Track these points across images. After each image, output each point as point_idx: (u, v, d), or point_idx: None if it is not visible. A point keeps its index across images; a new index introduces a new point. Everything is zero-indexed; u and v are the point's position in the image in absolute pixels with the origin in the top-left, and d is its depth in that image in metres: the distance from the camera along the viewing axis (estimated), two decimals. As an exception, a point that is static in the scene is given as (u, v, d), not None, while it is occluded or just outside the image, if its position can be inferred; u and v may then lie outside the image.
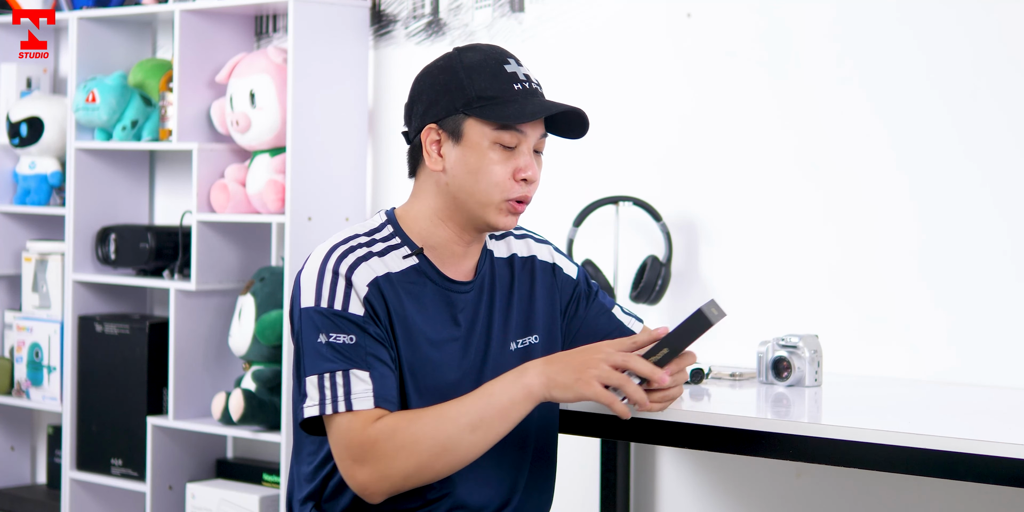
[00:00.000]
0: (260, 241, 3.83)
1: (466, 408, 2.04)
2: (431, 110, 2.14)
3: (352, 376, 2.05)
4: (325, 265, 2.10)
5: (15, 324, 4.15)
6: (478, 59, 2.13)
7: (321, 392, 2.05)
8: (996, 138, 2.85)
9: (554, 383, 2.04)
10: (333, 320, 2.07)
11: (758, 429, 2.28)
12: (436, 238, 2.17)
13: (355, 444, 2.04)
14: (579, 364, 2.04)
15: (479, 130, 2.12)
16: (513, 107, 2.11)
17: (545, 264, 2.30)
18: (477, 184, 2.12)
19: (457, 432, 2.03)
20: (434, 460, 2.03)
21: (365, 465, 2.04)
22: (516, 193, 2.14)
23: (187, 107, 3.73)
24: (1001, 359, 2.83)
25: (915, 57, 2.93)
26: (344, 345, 2.06)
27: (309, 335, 2.08)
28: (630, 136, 3.30)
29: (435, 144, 2.15)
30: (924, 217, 2.93)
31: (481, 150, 2.12)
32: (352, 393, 2.05)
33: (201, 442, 3.86)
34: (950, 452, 2.11)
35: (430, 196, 2.18)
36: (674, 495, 3.22)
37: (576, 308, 2.32)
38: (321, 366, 2.06)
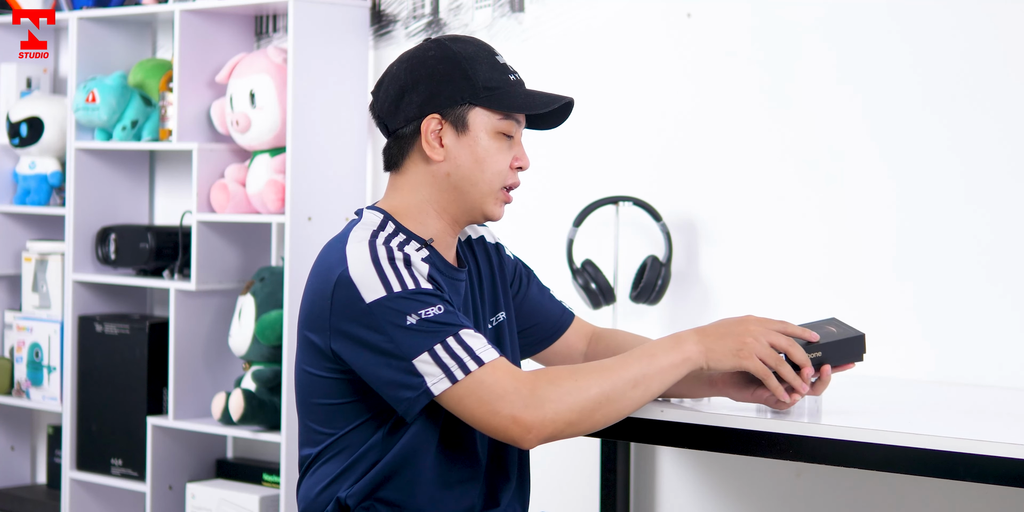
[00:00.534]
0: (260, 241, 3.83)
1: (628, 365, 2.07)
2: (434, 100, 2.14)
3: (464, 336, 2.04)
4: (377, 256, 2.07)
5: (15, 324, 4.15)
6: (472, 50, 2.16)
7: (441, 364, 2.03)
8: (997, 141, 2.85)
9: (712, 352, 2.09)
10: (414, 298, 2.04)
11: (758, 429, 2.28)
12: (431, 230, 2.18)
13: (511, 391, 2.02)
14: (739, 334, 2.09)
15: (484, 120, 2.15)
16: (520, 97, 2.15)
17: (491, 244, 2.36)
18: (483, 173, 2.15)
19: (622, 384, 2.05)
20: (596, 409, 2.04)
21: (530, 409, 2.01)
22: (511, 180, 2.19)
23: (187, 107, 3.73)
24: (1001, 359, 2.83)
25: (914, 58, 2.93)
26: (437, 315, 2.04)
27: (395, 322, 2.03)
28: (630, 136, 3.30)
29: (436, 134, 2.15)
30: (925, 217, 2.93)
31: (485, 140, 2.15)
32: (475, 349, 2.03)
33: (201, 442, 3.86)
34: (949, 452, 2.11)
35: (423, 188, 2.18)
36: (674, 495, 3.22)
37: (519, 286, 2.38)
38: (426, 342, 2.03)
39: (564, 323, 2.44)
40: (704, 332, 2.11)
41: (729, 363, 2.09)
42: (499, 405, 2.02)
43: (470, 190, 2.16)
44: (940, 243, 2.91)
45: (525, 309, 2.39)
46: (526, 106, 2.15)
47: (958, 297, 2.89)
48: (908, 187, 2.95)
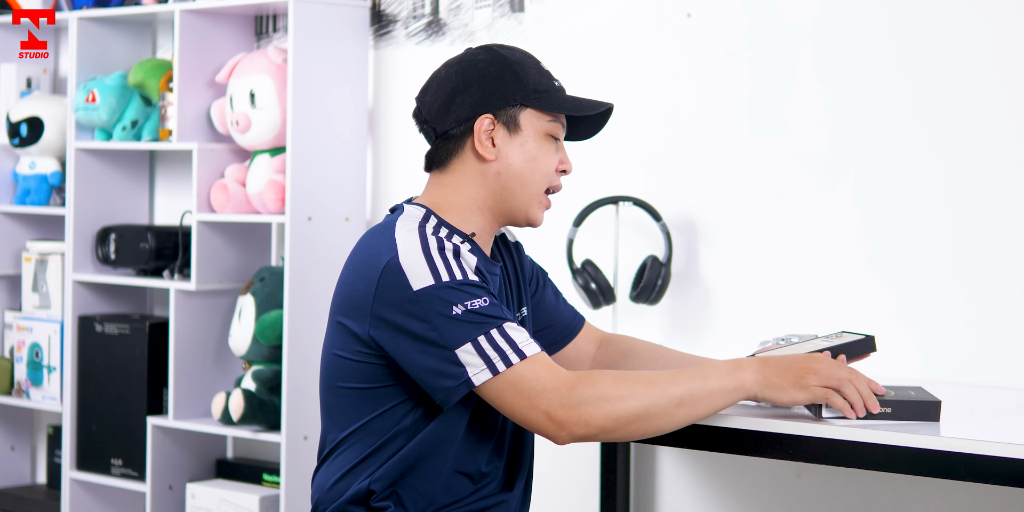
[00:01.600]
0: (260, 241, 3.83)
1: (677, 382, 2.08)
2: (487, 100, 2.19)
3: (507, 329, 2.06)
4: (427, 244, 2.09)
5: (15, 324, 4.15)
6: (520, 56, 2.24)
7: (483, 355, 2.05)
8: (992, 141, 2.85)
9: (770, 382, 2.10)
10: (462, 289, 2.07)
11: (758, 429, 2.28)
12: (472, 227, 2.22)
13: (550, 388, 2.04)
14: (802, 369, 2.10)
15: (535, 122, 2.21)
16: (569, 101, 2.22)
17: (511, 243, 2.40)
18: (533, 173, 2.21)
19: (665, 401, 2.06)
20: (634, 420, 2.06)
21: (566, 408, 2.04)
22: (556, 182, 2.26)
23: (187, 107, 3.73)
24: (1001, 359, 2.83)
25: (913, 58, 2.93)
26: (483, 307, 2.07)
27: (441, 310, 2.06)
28: (630, 136, 3.30)
29: (488, 134, 2.20)
30: (926, 218, 2.93)
31: (535, 140, 2.21)
32: (518, 342, 2.06)
33: (201, 442, 3.86)
34: (950, 452, 2.11)
35: (470, 186, 2.22)
36: (674, 495, 3.22)
37: (536, 288, 2.42)
38: (471, 333, 2.05)
39: (575, 327, 2.47)
40: (766, 362, 2.12)
41: (787, 397, 2.10)
42: (537, 400, 2.05)
43: (519, 190, 2.21)
44: (941, 242, 2.90)
45: (540, 311, 2.43)
46: (575, 107, 2.21)
47: (957, 297, 2.89)
48: (909, 186, 2.95)
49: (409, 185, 3.62)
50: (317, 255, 3.53)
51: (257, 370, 3.60)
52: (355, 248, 2.19)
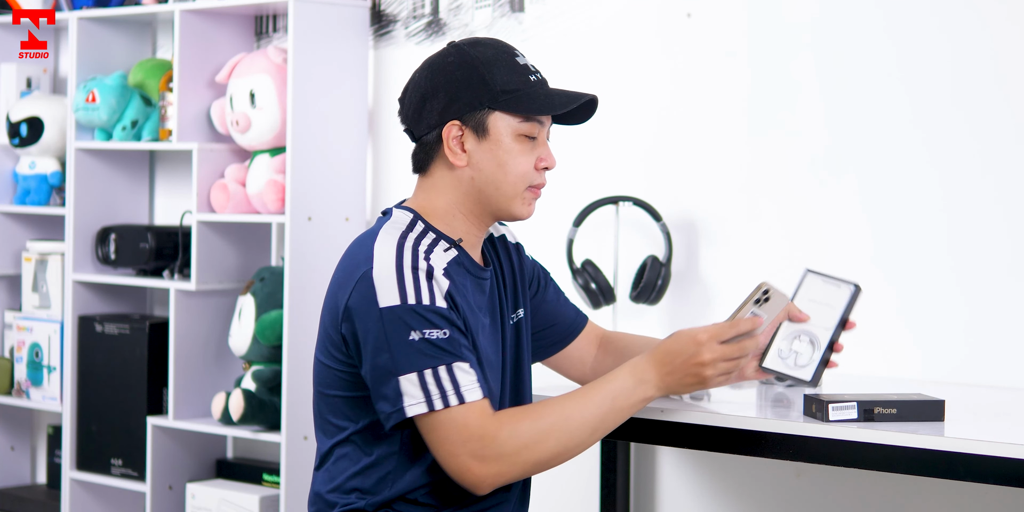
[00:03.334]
0: (260, 241, 3.83)
1: (590, 411, 2.09)
2: (453, 106, 2.16)
3: (456, 369, 2.06)
4: (402, 261, 2.09)
5: (15, 324, 4.15)
6: (491, 54, 2.17)
7: (425, 389, 2.05)
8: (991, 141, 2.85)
9: (670, 389, 2.14)
10: (424, 315, 2.06)
11: (758, 429, 2.28)
12: (459, 231, 2.21)
13: (475, 438, 2.05)
14: (694, 368, 2.12)
15: (504, 123, 2.16)
16: (539, 99, 2.16)
17: (511, 244, 2.37)
18: (506, 176, 2.17)
19: (580, 434, 2.09)
20: (553, 458, 2.09)
21: (486, 461, 2.05)
22: (537, 180, 2.21)
23: (187, 107, 3.73)
24: (1001, 359, 2.83)
25: (913, 59, 2.93)
26: (440, 340, 2.06)
27: (399, 333, 2.05)
28: (630, 136, 3.30)
29: (457, 140, 2.17)
30: (925, 218, 2.93)
31: (507, 143, 2.16)
32: (461, 385, 2.05)
33: (201, 442, 3.86)
34: (950, 452, 2.11)
35: (449, 191, 2.20)
36: (674, 495, 3.22)
37: (537, 288, 2.40)
38: (420, 363, 2.05)
39: (578, 326, 2.46)
40: (662, 368, 2.12)
41: (689, 392, 2.18)
42: (460, 449, 2.06)
43: (494, 193, 2.18)
44: (941, 242, 2.90)
45: (542, 311, 2.41)
46: (545, 107, 2.16)
47: (957, 297, 2.89)
48: (908, 186, 2.95)
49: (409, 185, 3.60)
50: (317, 255, 3.53)
51: (257, 370, 3.60)
52: (341, 256, 2.19)
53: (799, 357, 2.25)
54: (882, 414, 2.21)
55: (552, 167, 2.22)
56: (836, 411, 2.21)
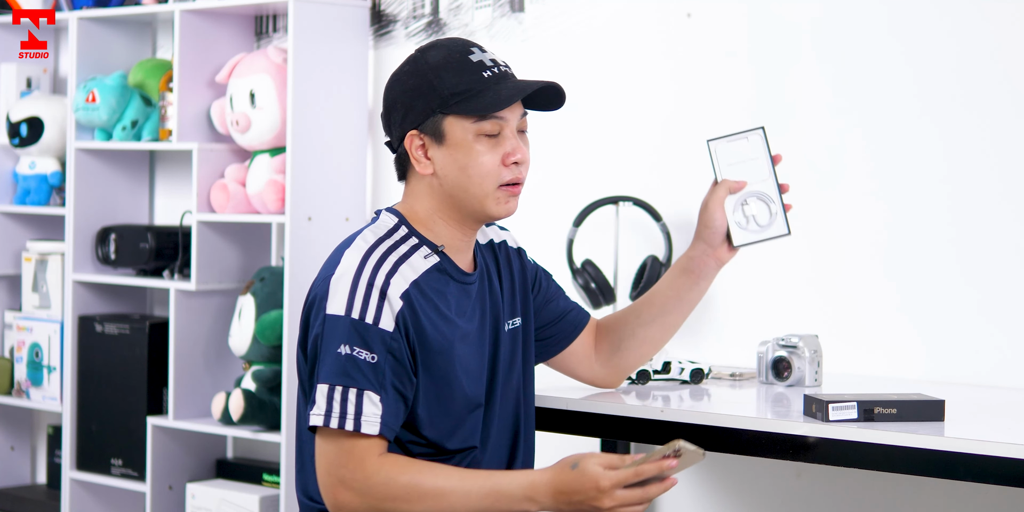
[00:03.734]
0: (260, 241, 3.83)
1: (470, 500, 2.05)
2: (409, 116, 2.15)
3: (365, 397, 2.05)
4: (360, 273, 2.09)
5: (15, 324, 4.15)
6: (442, 56, 2.14)
7: (329, 403, 2.05)
8: (990, 142, 2.85)
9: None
10: (361, 333, 2.06)
11: (758, 429, 2.28)
12: (443, 237, 2.19)
13: (350, 468, 2.05)
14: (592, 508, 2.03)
15: (460, 126, 2.13)
16: (488, 96, 2.12)
17: (512, 249, 2.35)
18: (471, 179, 2.14)
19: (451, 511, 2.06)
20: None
21: (351, 491, 2.05)
22: (508, 177, 2.15)
23: (187, 107, 3.73)
24: (1001, 359, 2.83)
25: (912, 59, 2.93)
26: (365, 362, 2.06)
27: (331, 342, 2.07)
28: (630, 136, 3.30)
29: (420, 149, 2.16)
30: (925, 219, 2.93)
31: (467, 145, 2.13)
32: (362, 414, 2.05)
33: (201, 442, 3.86)
34: (950, 452, 2.11)
35: (425, 198, 2.19)
36: (674, 495, 3.22)
37: (538, 288, 2.38)
38: (336, 378, 2.06)
39: (581, 322, 2.44)
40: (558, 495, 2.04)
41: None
42: (335, 470, 2.06)
43: (464, 196, 2.15)
44: (941, 242, 2.90)
45: (547, 311, 2.40)
46: (492, 105, 2.11)
47: (956, 297, 2.89)
48: (907, 187, 2.95)
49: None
50: (317, 255, 3.52)
51: (257, 370, 3.60)
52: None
53: (759, 218, 2.29)
54: (882, 414, 2.21)
55: (522, 162, 2.15)
56: (836, 411, 2.21)
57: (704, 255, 2.36)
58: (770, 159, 2.32)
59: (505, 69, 2.16)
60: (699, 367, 2.71)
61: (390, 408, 2.06)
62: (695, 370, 2.70)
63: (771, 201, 2.30)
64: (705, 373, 2.72)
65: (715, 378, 2.79)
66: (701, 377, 2.71)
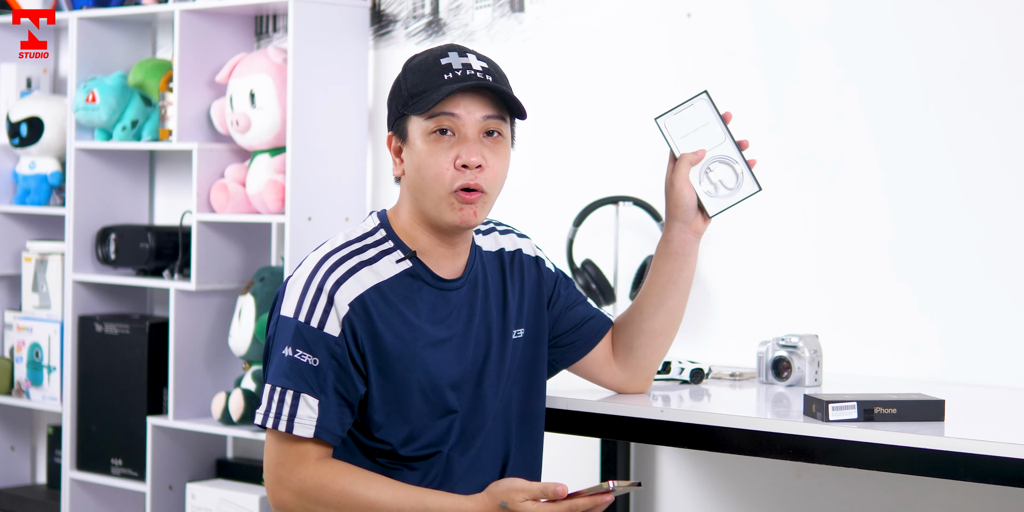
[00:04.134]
0: (260, 241, 3.83)
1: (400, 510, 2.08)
2: (389, 118, 2.19)
3: (301, 399, 2.08)
4: (312, 277, 2.10)
5: (15, 324, 4.15)
6: (420, 59, 2.16)
7: (269, 404, 2.09)
8: (997, 140, 2.85)
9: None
10: (304, 336, 2.08)
11: (758, 429, 2.28)
12: (421, 242, 2.18)
13: (286, 467, 2.09)
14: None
15: (416, 125, 2.12)
16: (432, 93, 2.10)
17: (529, 258, 2.32)
18: (424, 180, 2.12)
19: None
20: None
21: (287, 491, 2.09)
22: (459, 182, 2.10)
23: (187, 107, 3.73)
24: (1001, 359, 2.83)
25: (914, 59, 2.93)
26: (306, 366, 2.08)
27: (278, 343, 2.10)
28: (630, 136, 3.30)
29: (396, 151, 2.18)
30: (925, 216, 2.93)
31: (421, 145, 2.12)
32: (296, 416, 2.08)
33: (201, 442, 3.86)
34: (950, 452, 2.11)
35: (405, 202, 2.19)
36: (674, 495, 3.22)
37: (557, 297, 2.35)
38: (278, 379, 2.09)
39: (603, 328, 2.40)
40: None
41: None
42: (272, 469, 2.11)
43: (422, 198, 2.14)
44: (940, 243, 2.90)
45: (566, 318, 2.36)
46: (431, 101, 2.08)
47: (956, 297, 2.89)
48: (908, 186, 2.95)
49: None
50: (317, 255, 3.52)
51: (257, 370, 3.60)
52: None
53: (727, 181, 2.30)
54: (882, 414, 2.21)
55: (470, 165, 2.08)
56: (836, 411, 2.21)
57: (682, 233, 2.35)
58: (721, 120, 2.31)
59: (474, 73, 2.11)
60: (699, 367, 2.71)
61: (329, 412, 2.08)
62: (695, 370, 2.70)
63: (734, 162, 2.29)
64: (705, 373, 2.72)
65: (715, 378, 2.79)
66: (701, 377, 2.71)
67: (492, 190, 2.13)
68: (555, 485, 2.04)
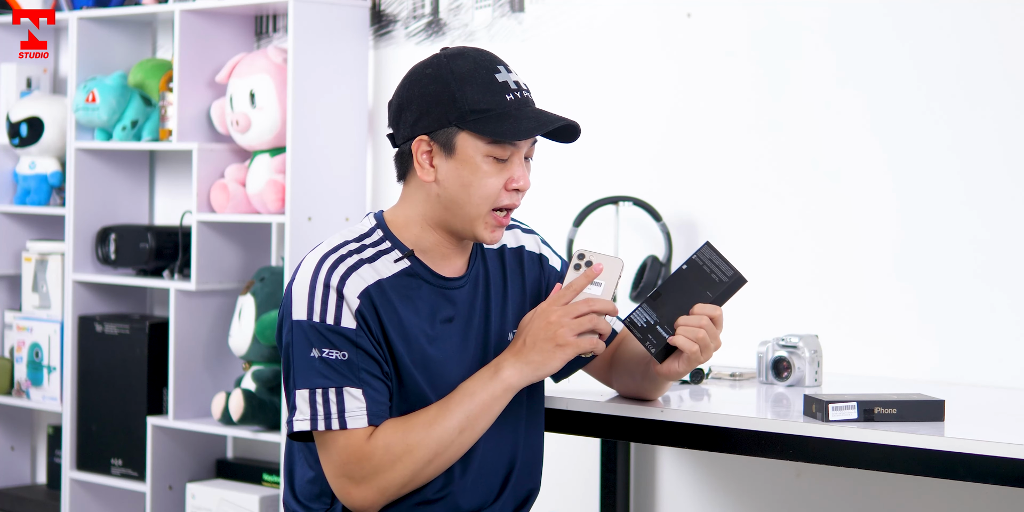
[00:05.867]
0: (260, 241, 3.83)
1: (452, 411, 2.09)
2: (422, 121, 2.11)
3: (345, 393, 2.07)
4: (316, 277, 2.09)
5: (15, 324, 4.15)
6: (469, 68, 2.10)
7: (312, 408, 2.07)
8: (996, 141, 2.85)
9: (533, 365, 2.10)
10: (325, 335, 2.08)
11: (758, 429, 2.28)
12: (426, 242, 2.17)
13: (352, 462, 2.07)
14: (543, 332, 2.09)
15: (472, 144, 2.10)
16: (509, 121, 2.09)
17: (533, 255, 2.31)
18: (470, 197, 2.11)
19: (447, 435, 2.08)
20: (427, 466, 2.09)
21: (362, 483, 2.08)
22: (505, 201, 2.13)
23: (187, 107, 3.73)
24: (1001, 359, 2.83)
25: (913, 59, 2.93)
26: (337, 361, 2.07)
27: (301, 348, 2.09)
28: (630, 136, 3.30)
29: (426, 155, 2.13)
30: (925, 216, 2.93)
31: (475, 164, 2.10)
32: (346, 411, 2.07)
33: (201, 442, 3.86)
34: (950, 452, 2.11)
35: (420, 203, 2.17)
36: (674, 495, 3.22)
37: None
38: (313, 381, 2.07)
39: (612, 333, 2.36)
40: (518, 349, 2.11)
41: (557, 361, 2.10)
42: (340, 470, 2.09)
43: (458, 212, 2.13)
44: (940, 243, 2.91)
45: None
46: (511, 133, 2.08)
47: (956, 297, 2.89)
48: (907, 187, 2.95)
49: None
50: (317, 255, 3.52)
51: (257, 370, 3.60)
52: None
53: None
54: (882, 414, 2.21)
55: (524, 189, 2.13)
56: (836, 411, 2.21)
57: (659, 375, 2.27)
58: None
59: (527, 94, 2.14)
60: (699, 367, 2.71)
61: (372, 397, 2.08)
62: (695, 370, 2.70)
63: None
64: (705, 373, 2.72)
65: (715, 378, 2.79)
66: (701, 377, 2.71)
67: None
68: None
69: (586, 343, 2.09)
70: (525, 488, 2.26)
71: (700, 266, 2.17)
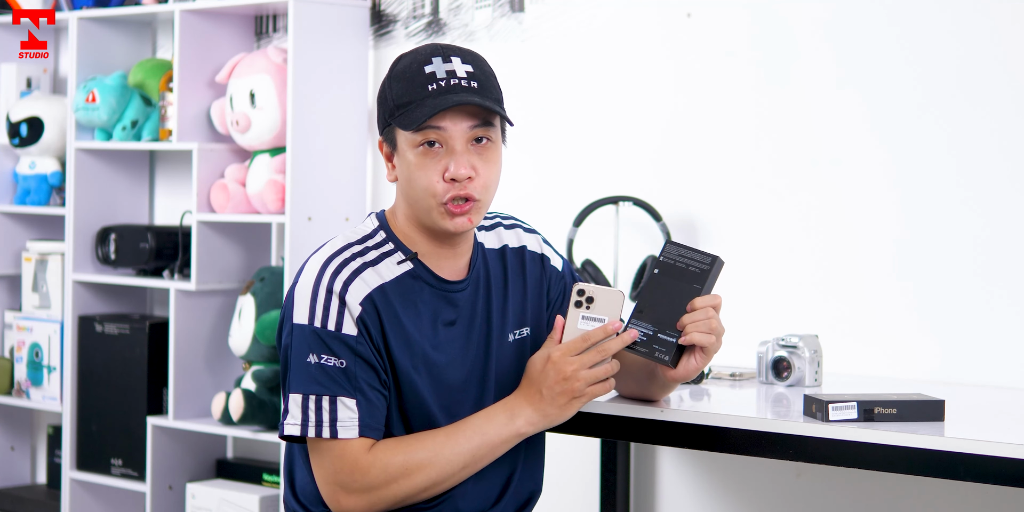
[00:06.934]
0: (260, 241, 3.83)
1: (459, 444, 2.10)
2: (378, 123, 2.17)
3: (339, 402, 2.07)
4: (320, 281, 2.09)
5: (15, 324, 4.15)
6: (404, 64, 2.12)
7: (304, 413, 2.07)
8: (996, 140, 2.85)
9: (550, 417, 2.11)
10: (325, 341, 2.07)
11: (758, 429, 2.28)
12: (421, 244, 2.17)
13: (345, 472, 2.07)
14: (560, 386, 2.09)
15: (404, 137, 2.11)
16: (419, 110, 2.07)
17: (534, 255, 2.30)
18: (414, 189, 2.12)
19: (449, 468, 2.09)
20: (423, 491, 2.10)
21: (354, 494, 2.08)
22: (449, 194, 2.09)
23: (187, 107, 3.73)
24: (1001, 359, 2.83)
25: (912, 59, 2.93)
26: (334, 369, 2.07)
27: (299, 352, 2.08)
28: (630, 136, 3.30)
29: (387, 156, 2.17)
30: (925, 216, 2.93)
31: (408, 158, 2.11)
32: (338, 420, 2.07)
33: (201, 442, 3.86)
34: (950, 452, 2.11)
35: (400, 202, 2.18)
36: (674, 495, 3.22)
37: (562, 301, 2.31)
38: (308, 387, 2.07)
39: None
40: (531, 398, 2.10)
41: (571, 412, 2.11)
42: (331, 477, 2.09)
43: (415, 206, 2.14)
44: (940, 242, 2.91)
45: None
46: (416, 120, 2.07)
47: (957, 297, 2.89)
48: (907, 186, 2.95)
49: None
50: (317, 255, 3.53)
51: (257, 370, 3.60)
52: None
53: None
54: (882, 414, 2.21)
55: (460, 178, 2.07)
56: (836, 411, 2.21)
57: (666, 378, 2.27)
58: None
59: (458, 81, 2.08)
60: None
61: (367, 408, 2.08)
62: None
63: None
64: (705, 373, 2.72)
65: (715, 378, 2.79)
66: (701, 377, 2.71)
67: (485, 196, 2.12)
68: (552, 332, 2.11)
69: (600, 390, 2.10)
70: (526, 490, 2.26)
71: (672, 265, 2.16)
